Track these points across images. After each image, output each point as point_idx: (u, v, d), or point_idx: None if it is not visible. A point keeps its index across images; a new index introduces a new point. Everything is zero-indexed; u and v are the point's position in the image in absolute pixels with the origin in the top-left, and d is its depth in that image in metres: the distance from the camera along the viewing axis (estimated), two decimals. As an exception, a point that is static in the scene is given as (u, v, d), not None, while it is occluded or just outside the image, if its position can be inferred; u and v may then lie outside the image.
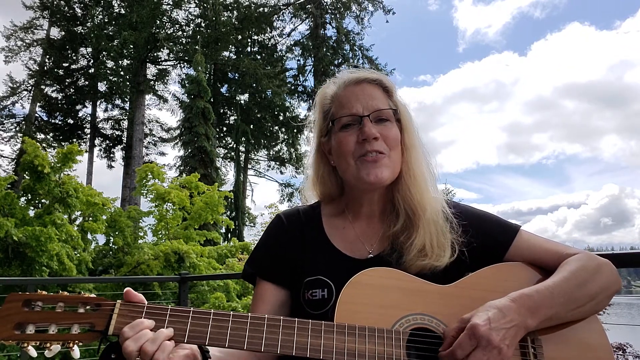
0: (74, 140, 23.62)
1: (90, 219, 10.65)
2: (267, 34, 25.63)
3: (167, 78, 25.73)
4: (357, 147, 1.15)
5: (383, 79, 1.23)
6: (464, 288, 1.08)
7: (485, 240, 1.17)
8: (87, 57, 25.04)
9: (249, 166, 27.38)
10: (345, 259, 1.17)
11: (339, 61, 24.74)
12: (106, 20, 23.39)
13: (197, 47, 21.53)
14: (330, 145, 1.22)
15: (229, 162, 27.13)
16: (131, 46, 22.19)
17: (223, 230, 19.96)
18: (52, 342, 0.86)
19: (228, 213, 21.95)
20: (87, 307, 0.90)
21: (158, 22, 22.99)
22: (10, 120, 23.62)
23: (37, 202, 9.96)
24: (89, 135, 24.90)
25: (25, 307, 0.87)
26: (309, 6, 24.20)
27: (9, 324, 0.85)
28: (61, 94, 24.95)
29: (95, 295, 0.91)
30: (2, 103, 23.17)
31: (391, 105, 1.19)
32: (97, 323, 0.89)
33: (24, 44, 23.64)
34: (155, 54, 24.36)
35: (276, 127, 26.23)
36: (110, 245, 10.86)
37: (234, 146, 25.91)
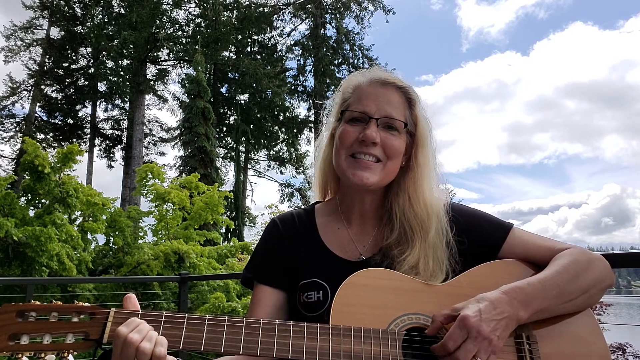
0: (74, 140, 23.65)
1: (90, 219, 10.66)
2: (267, 34, 25.63)
3: (167, 78, 25.78)
4: (354, 144, 1.15)
5: (410, 90, 1.21)
6: (458, 287, 1.09)
7: (478, 238, 1.18)
8: (87, 57, 25.06)
9: (249, 166, 27.39)
10: (339, 260, 1.18)
11: (339, 61, 24.75)
12: (106, 20, 23.39)
13: (197, 47, 21.53)
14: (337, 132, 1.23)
15: (229, 162, 27.16)
16: (131, 46, 22.19)
17: (223, 231, 19.96)
18: (46, 352, 0.86)
19: (228, 213, 21.95)
20: (81, 316, 0.90)
21: (158, 22, 22.98)
22: (10, 120, 23.64)
23: (37, 202, 9.97)
24: (89, 135, 24.91)
25: (19, 318, 0.87)
26: (309, 6, 24.19)
27: (3, 335, 0.85)
28: (61, 94, 24.96)
29: (89, 304, 0.91)
30: (2, 103, 23.17)
31: (407, 118, 1.19)
32: (92, 332, 0.89)
33: (24, 44, 23.65)
34: (155, 54, 24.36)
35: (276, 127, 26.23)
36: (110, 245, 10.87)
37: (234, 146, 25.90)
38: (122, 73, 23.60)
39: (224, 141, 26.93)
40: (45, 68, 23.81)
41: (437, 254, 1.14)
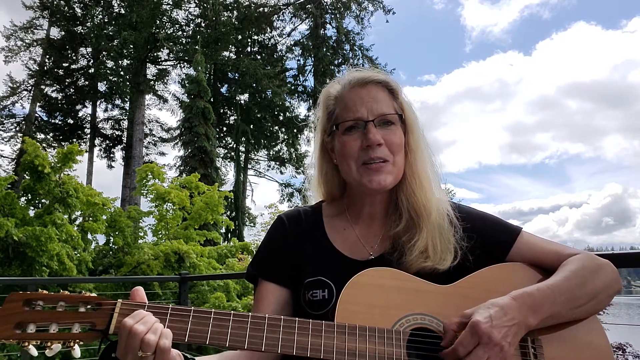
0: (74, 140, 23.62)
1: (90, 219, 10.65)
2: (267, 34, 25.65)
3: (167, 78, 25.78)
4: (361, 152, 1.14)
5: (389, 80, 1.21)
6: (464, 288, 1.08)
7: (487, 241, 1.17)
8: (87, 57, 25.05)
9: (249, 166, 27.38)
10: (346, 260, 1.17)
11: (339, 61, 24.75)
12: (106, 20, 23.41)
13: (197, 47, 21.54)
14: (334, 145, 1.22)
15: (229, 162, 27.15)
16: (131, 46, 22.21)
17: (223, 230, 19.94)
18: (52, 341, 0.86)
19: (228, 213, 21.95)
20: (88, 307, 0.90)
21: (158, 22, 23.01)
22: (10, 120, 23.62)
23: (37, 202, 9.97)
24: (89, 135, 24.90)
25: (26, 307, 0.87)
26: (309, 6, 24.21)
27: (9, 323, 0.85)
28: (61, 94, 24.95)
29: (96, 295, 0.91)
30: (2, 103, 23.16)
31: (396, 109, 1.18)
32: (98, 322, 0.89)
33: (24, 44, 23.64)
34: (155, 54, 24.38)
35: (276, 127, 26.24)
36: (110, 245, 10.87)
37: (234, 146, 25.91)
38: (122, 73, 23.61)
39: (224, 141, 26.94)
40: (45, 68, 23.80)
41: (442, 234, 1.14)
